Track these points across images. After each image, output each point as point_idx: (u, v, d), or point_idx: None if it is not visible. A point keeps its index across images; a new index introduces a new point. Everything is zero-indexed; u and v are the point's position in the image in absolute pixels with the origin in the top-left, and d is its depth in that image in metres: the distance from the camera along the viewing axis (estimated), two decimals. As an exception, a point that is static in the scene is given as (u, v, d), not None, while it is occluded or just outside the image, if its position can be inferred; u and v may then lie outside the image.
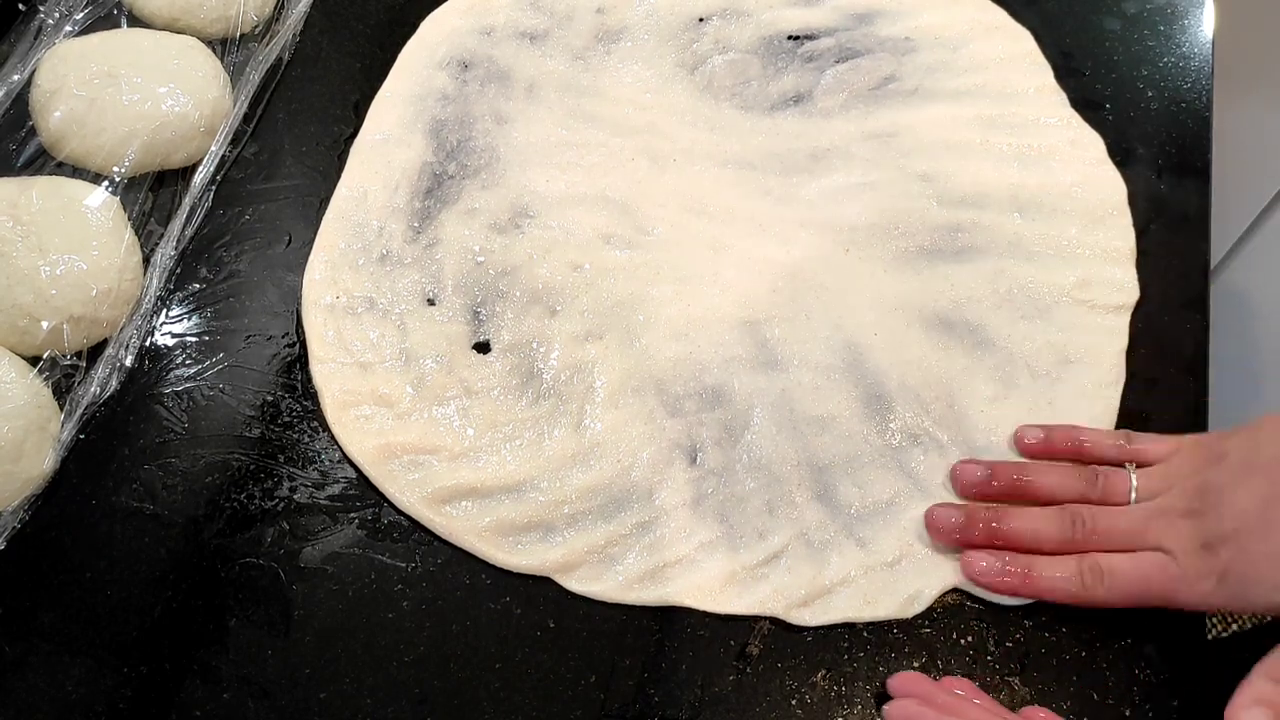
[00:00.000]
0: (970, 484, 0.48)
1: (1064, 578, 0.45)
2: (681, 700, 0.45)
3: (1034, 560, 0.46)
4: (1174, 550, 0.44)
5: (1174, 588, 0.44)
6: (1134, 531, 0.45)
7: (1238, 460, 0.45)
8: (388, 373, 0.51)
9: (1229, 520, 0.44)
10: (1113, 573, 0.45)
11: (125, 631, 0.45)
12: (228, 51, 0.60)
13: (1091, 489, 0.47)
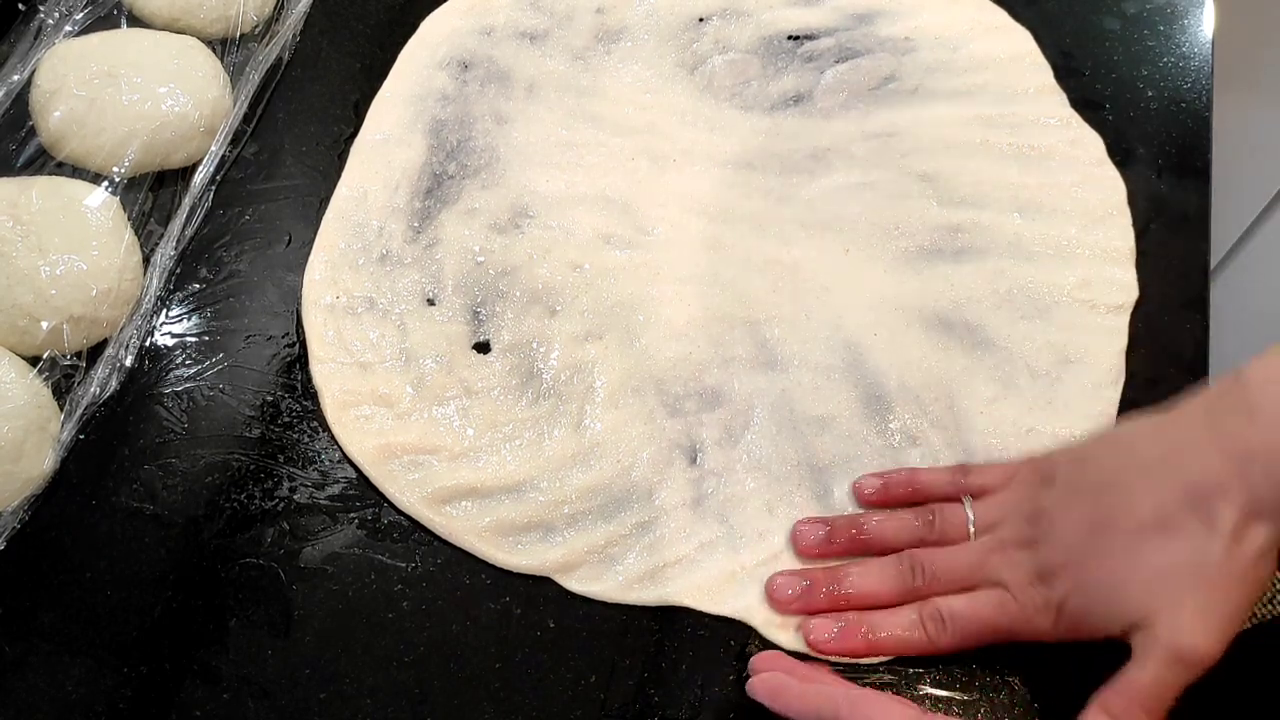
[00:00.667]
0: (811, 545, 0.47)
1: (905, 630, 0.44)
2: (681, 700, 0.45)
3: (873, 618, 0.45)
4: (1011, 585, 0.44)
5: (1013, 625, 0.43)
6: (973, 568, 0.45)
7: (1065, 484, 0.44)
8: (388, 373, 0.51)
9: (1059, 551, 0.43)
10: (953, 616, 0.44)
11: (125, 631, 0.45)
12: (228, 51, 0.60)
13: (929, 531, 0.46)
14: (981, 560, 0.45)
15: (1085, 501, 0.43)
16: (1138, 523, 0.41)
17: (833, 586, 0.46)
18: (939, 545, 0.46)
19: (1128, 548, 0.41)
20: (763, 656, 0.44)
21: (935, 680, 0.45)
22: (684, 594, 0.46)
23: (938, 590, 0.45)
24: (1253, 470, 0.39)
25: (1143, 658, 0.40)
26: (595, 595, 0.46)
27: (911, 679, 0.45)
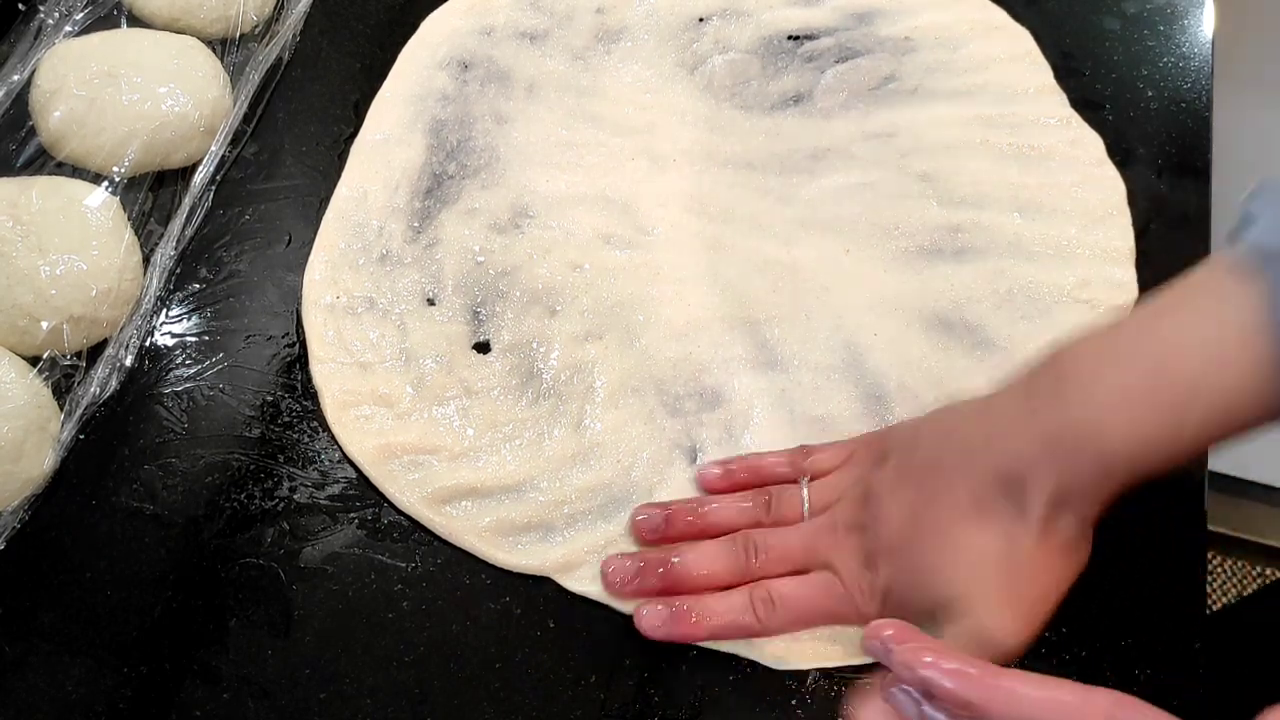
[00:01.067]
0: (648, 531, 0.46)
1: (735, 613, 0.43)
2: (681, 700, 0.45)
3: (704, 601, 0.44)
4: (839, 568, 0.43)
5: (841, 609, 0.43)
6: (805, 550, 0.44)
7: (895, 464, 0.43)
8: (388, 373, 0.51)
9: (884, 535, 0.42)
10: (783, 599, 0.43)
11: (125, 631, 0.45)
12: (228, 51, 0.60)
13: (765, 512, 0.46)
14: (813, 542, 0.44)
15: (910, 485, 0.42)
16: (954, 508, 0.41)
17: (666, 569, 0.45)
18: (775, 527, 0.45)
19: (944, 533, 0.41)
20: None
21: (935, 680, 0.45)
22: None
23: (770, 572, 0.44)
24: (1059, 453, 0.38)
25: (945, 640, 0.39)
26: (595, 596, 0.46)
27: (911, 679, 0.45)
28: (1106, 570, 0.48)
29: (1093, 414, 0.38)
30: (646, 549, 0.47)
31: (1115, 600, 0.47)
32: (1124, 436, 0.38)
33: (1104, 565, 0.48)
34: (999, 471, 0.40)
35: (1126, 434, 0.37)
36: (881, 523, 0.43)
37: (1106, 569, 0.48)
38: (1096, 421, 0.38)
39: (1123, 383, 0.38)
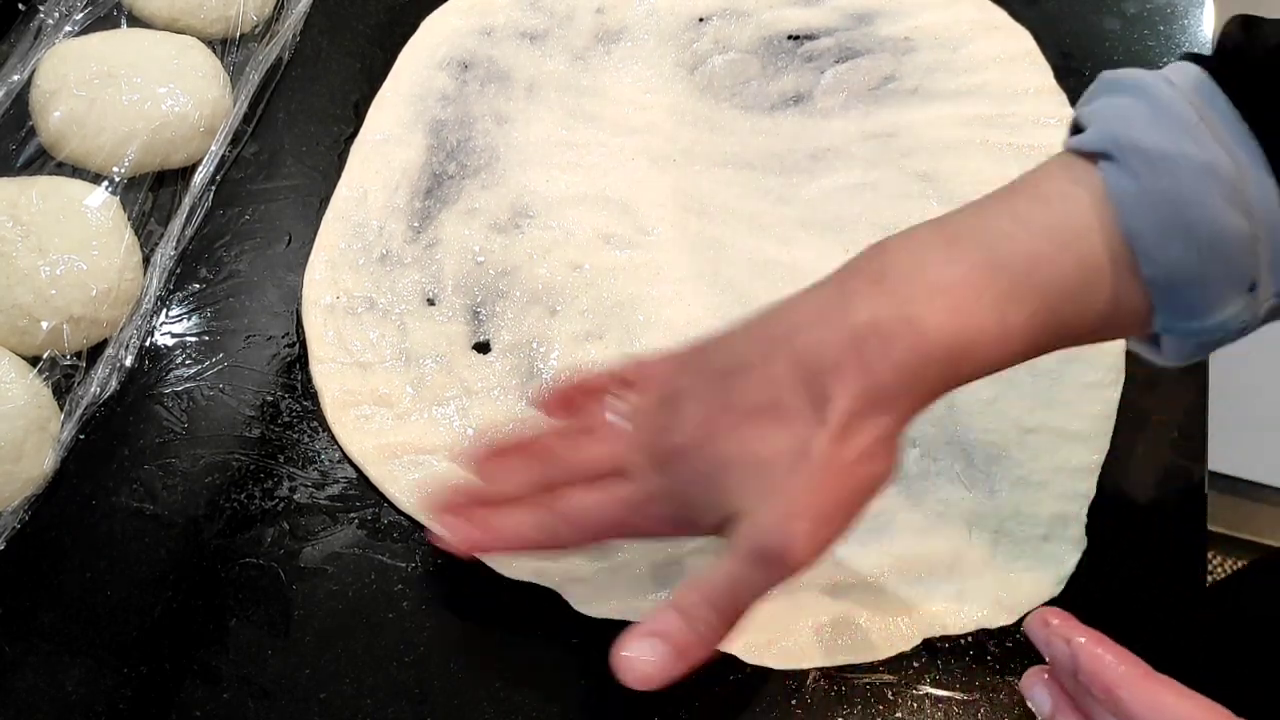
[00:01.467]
0: (475, 459, 0.43)
1: (533, 528, 0.40)
2: (681, 700, 0.45)
3: (502, 516, 0.41)
4: (635, 474, 0.39)
5: (633, 517, 0.39)
6: (609, 459, 0.40)
7: (703, 365, 0.40)
8: (388, 373, 0.51)
9: (680, 436, 0.38)
10: (578, 510, 0.40)
11: (125, 631, 0.45)
12: (228, 51, 0.60)
13: (580, 427, 0.42)
14: (615, 450, 0.40)
15: (713, 383, 0.38)
16: (750, 406, 0.37)
17: (472, 489, 0.43)
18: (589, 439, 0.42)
19: (735, 435, 0.37)
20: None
21: (935, 680, 0.45)
22: None
23: (572, 483, 0.41)
24: (869, 346, 0.34)
25: (727, 553, 0.36)
26: (595, 614, 0.46)
27: (911, 679, 0.45)
28: (1106, 570, 0.48)
29: (910, 304, 0.34)
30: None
31: (1115, 600, 0.47)
32: (943, 330, 0.34)
33: (1104, 565, 0.48)
34: (801, 366, 0.36)
35: (945, 328, 0.34)
36: (677, 425, 0.38)
37: (1106, 569, 0.48)
38: (914, 312, 0.34)
39: (947, 273, 0.34)
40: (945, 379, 0.35)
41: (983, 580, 0.47)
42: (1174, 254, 0.32)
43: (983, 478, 0.50)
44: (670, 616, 0.37)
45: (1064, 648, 0.34)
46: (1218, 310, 0.33)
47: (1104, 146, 0.33)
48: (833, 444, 0.35)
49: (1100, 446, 0.51)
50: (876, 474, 0.36)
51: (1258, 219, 0.31)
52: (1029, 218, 0.34)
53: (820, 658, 0.45)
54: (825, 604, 0.47)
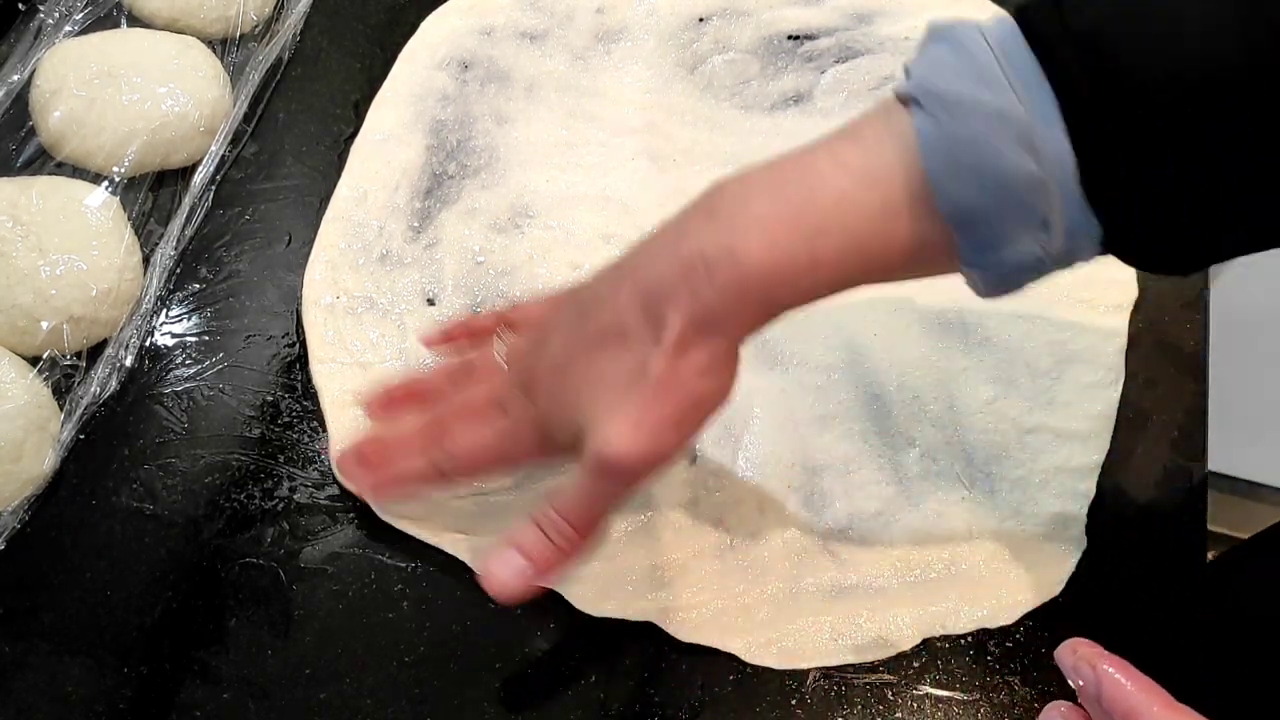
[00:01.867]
0: (373, 406, 0.47)
1: (418, 466, 0.44)
2: (681, 700, 0.45)
3: (393, 457, 0.45)
4: (509, 406, 0.42)
5: (506, 445, 0.42)
6: (489, 397, 0.44)
7: (569, 305, 0.43)
8: (387, 373, 0.51)
9: (542, 368, 0.42)
10: (455, 445, 0.43)
11: (125, 631, 0.45)
12: (228, 51, 0.60)
13: (467, 367, 0.46)
14: (492, 386, 0.44)
15: (574, 317, 0.41)
16: (600, 332, 0.40)
17: (369, 436, 0.47)
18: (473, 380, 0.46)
19: (588, 357, 0.40)
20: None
21: (935, 680, 0.45)
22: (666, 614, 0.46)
23: (460, 423, 0.44)
24: (697, 275, 0.37)
25: (577, 468, 0.39)
26: (598, 613, 0.46)
27: (911, 678, 0.45)
28: (1106, 570, 0.48)
29: (733, 236, 0.37)
30: None
31: (1115, 600, 0.47)
32: (759, 260, 0.36)
33: (1104, 565, 0.48)
34: (642, 294, 0.39)
35: (761, 258, 0.36)
36: (543, 356, 0.42)
37: (1106, 569, 0.48)
38: (735, 244, 0.37)
39: (768, 209, 0.37)
40: (766, 304, 0.38)
41: (983, 580, 0.47)
42: (966, 192, 0.34)
43: (983, 478, 0.50)
44: (528, 531, 0.40)
45: (1090, 673, 0.36)
46: (1012, 245, 0.35)
47: (914, 92, 0.35)
48: (667, 362, 0.38)
49: (1100, 446, 0.51)
50: (711, 390, 0.39)
51: (1047, 163, 0.33)
52: (845, 158, 0.37)
53: (820, 658, 0.45)
54: (825, 604, 0.47)
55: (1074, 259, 0.37)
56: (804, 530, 0.48)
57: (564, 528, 0.40)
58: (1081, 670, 0.36)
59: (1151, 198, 0.33)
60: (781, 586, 0.47)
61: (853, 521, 0.49)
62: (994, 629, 0.46)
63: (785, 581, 0.47)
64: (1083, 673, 0.36)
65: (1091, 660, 0.36)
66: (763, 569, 0.47)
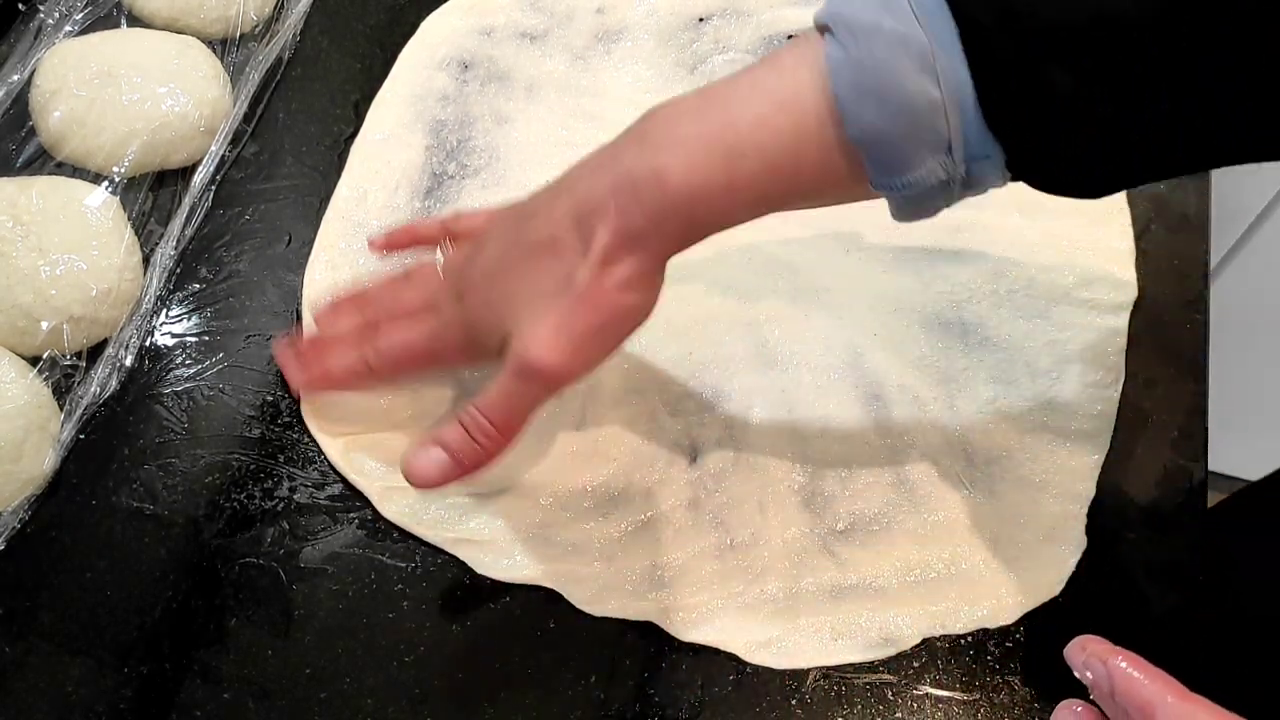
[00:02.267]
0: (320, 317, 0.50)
1: (349, 363, 0.47)
2: (681, 700, 0.45)
3: (327, 356, 0.48)
4: (440, 307, 0.45)
5: (434, 345, 0.45)
6: (421, 300, 0.46)
7: (508, 217, 0.45)
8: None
9: (474, 273, 0.44)
10: (388, 344, 0.46)
11: (125, 631, 0.45)
12: (228, 51, 0.60)
13: (404, 280, 0.49)
14: (426, 291, 0.47)
15: (510, 228, 0.44)
16: (533, 243, 0.42)
17: (309, 339, 0.50)
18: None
19: (520, 266, 0.42)
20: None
21: (935, 680, 0.45)
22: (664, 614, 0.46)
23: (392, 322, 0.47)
24: (624, 193, 0.39)
25: (500, 370, 0.42)
26: (598, 612, 0.46)
27: (911, 678, 0.45)
28: (1106, 570, 0.48)
29: (658, 157, 0.39)
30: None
31: (1115, 600, 0.47)
32: (680, 180, 0.38)
33: (1104, 565, 0.48)
34: (575, 210, 0.41)
35: (682, 178, 0.38)
36: (476, 262, 0.44)
37: (1106, 569, 0.48)
38: (660, 165, 0.39)
39: (691, 132, 0.39)
40: (688, 223, 0.40)
41: (983, 580, 0.47)
42: (870, 115, 0.35)
43: (983, 478, 0.50)
44: (452, 429, 0.42)
45: (1101, 669, 0.36)
46: (916, 168, 0.36)
47: (827, 20, 0.37)
48: (593, 273, 0.40)
49: (1100, 446, 0.51)
50: (632, 304, 0.41)
51: (947, 88, 0.34)
52: (764, 84, 0.38)
53: (820, 658, 0.45)
54: (825, 604, 0.47)
55: (982, 184, 0.38)
56: (804, 530, 0.48)
57: (485, 426, 0.42)
58: (1093, 666, 0.37)
59: (1048, 124, 0.35)
60: (782, 586, 0.47)
61: (853, 521, 0.49)
62: (994, 629, 0.46)
63: (785, 581, 0.47)
64: (1094, 669, 0.37)
65: (1102, 656, 0.36)
66: (763, 569, 0.47)
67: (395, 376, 0.48)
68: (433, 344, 0.45)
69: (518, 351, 0.41)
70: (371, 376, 0.47)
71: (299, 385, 0.50)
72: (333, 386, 0.49)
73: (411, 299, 0.47)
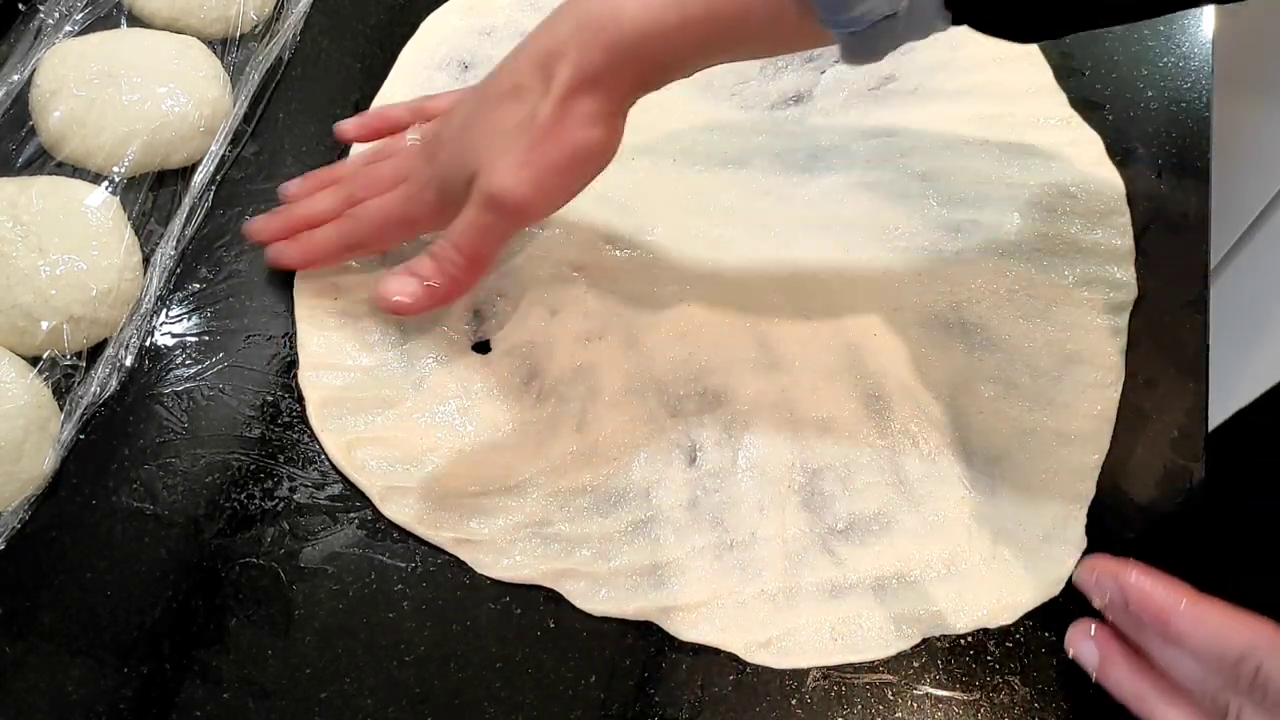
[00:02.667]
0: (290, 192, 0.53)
1: (332, 233, 0.50)
2: (681, 700, 0.45)
3: (313, 230, 0.51)
4: (413, 174, 0.49)
5: (409, 208, 0.48)
6: (394, 172, 0.50)
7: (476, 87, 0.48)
8: (389, 373, 0.51)
9: (446, 132, 0.48)
10: (365, 212, 0.50)
11: (125, 631, 0.45)
12: (228, 51, 0.60)
13: (379, 158, 0.52)
14: (400, 164, 0.50)
15: (479, 91, 0.47)
16: (498, 94, 0.45)
17: (289, 213, 0.53)
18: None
19: (486, 117, 0.45)
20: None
21: (935, 680, 0.45)
22: (663, 614, 0.46)
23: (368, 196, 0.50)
24: (584, 35, 0.42)
25: (468, 204, 0.45)
26: (593, 611, 0.46)
27: (911, 678, 0.45)
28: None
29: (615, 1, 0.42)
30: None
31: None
32: (634, 19, 0.41)
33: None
34: (537, 54, 0.44)
35: (636, 16, 0.41)
36: (447, 123, 0.48)
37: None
38: (617, 5, 0.42)
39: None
40: (643, 63, 0.42)
41: (983, 580, 0.47)
42: None
43: (983, 478, 0.50)
44: (424, 259, 0.46)
45: (1113, 585, 0.37)
46: (862, 1, 0.38)
47: None
48: (554, 110, 0.43)
49: (1100, 446, 0.51)
50: (592, 140, 0.44)
51: None
52: None
53: (820, 658, 0.45)
54: (825, 604, 0.47)
55: (924, 25, 0.40)
56: (804, 530, 0.48)
57: (455, 256, 0.45)
58: (1105, 584, 0.38)
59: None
60: (781, 586, 0.47)
61: (853, 521, 0.49)
62: (994, 629, 0.46)
63: (785, 581, 0.47)
64: (1106, 586, 0.38)
65: (1112, 572, 0.37)
66: (763, 568, 0.47)
67: (373, 245, 0.52)
68: (408, 208, 0.48)
69: (481, 186, 0.44)
70: (349, 248, 0.51)
71: (280, 260, 0.52)
72: (313, 260, 0.52)
73: (384, 172, 0.50)
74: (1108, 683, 0.38)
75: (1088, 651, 0.39)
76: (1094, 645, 0.39)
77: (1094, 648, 0.39)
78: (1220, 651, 0.34)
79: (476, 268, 0.46)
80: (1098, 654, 0.39)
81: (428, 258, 0.46)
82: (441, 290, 0.46)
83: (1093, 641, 0.39)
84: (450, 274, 0.46)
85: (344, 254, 0.52)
